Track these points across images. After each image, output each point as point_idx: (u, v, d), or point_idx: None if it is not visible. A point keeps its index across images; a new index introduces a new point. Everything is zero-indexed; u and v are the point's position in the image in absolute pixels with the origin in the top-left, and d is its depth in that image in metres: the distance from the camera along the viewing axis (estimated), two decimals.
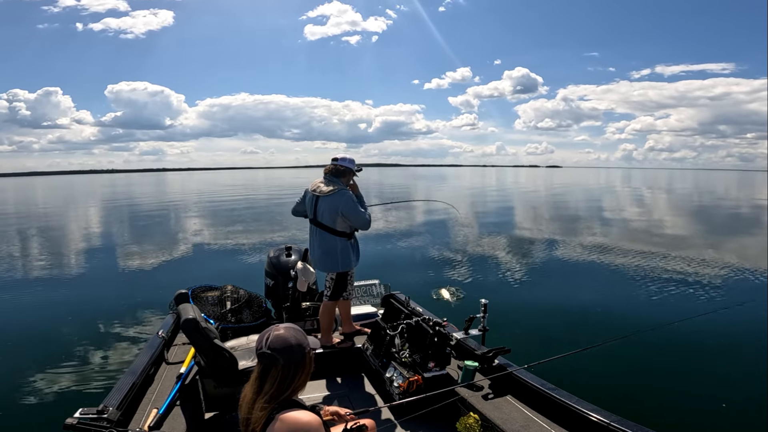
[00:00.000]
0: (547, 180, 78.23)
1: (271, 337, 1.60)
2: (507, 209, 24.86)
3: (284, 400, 1.58)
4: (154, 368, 3.13)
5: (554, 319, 6.63)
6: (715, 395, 4.49)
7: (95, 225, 20.77)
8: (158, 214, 24.69)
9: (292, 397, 1.61)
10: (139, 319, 6.83)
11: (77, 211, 28.96)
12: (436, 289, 7.89)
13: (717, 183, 76.32)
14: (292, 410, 1.56)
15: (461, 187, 53.06)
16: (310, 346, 1.65)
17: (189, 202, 33.70)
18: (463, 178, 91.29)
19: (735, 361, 5.22)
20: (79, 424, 2.10)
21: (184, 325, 2.74)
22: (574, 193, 41.23)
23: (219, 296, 4.13)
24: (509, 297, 7.73)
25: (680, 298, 7.70)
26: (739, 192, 48.51)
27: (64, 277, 10.04)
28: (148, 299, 7.62)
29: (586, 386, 3.99)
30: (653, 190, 48.56)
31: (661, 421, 3.93)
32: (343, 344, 3.87)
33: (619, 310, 7.04)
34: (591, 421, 2.32)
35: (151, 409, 2.59)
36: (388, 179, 74.85)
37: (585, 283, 8.72)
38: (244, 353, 3.16)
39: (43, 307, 7.77)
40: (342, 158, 3.73)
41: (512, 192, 43.04)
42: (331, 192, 3.59)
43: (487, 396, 2.81)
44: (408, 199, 13.91)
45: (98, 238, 16.33)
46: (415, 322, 3.37)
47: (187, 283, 4.24)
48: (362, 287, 4.64)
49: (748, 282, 8.89)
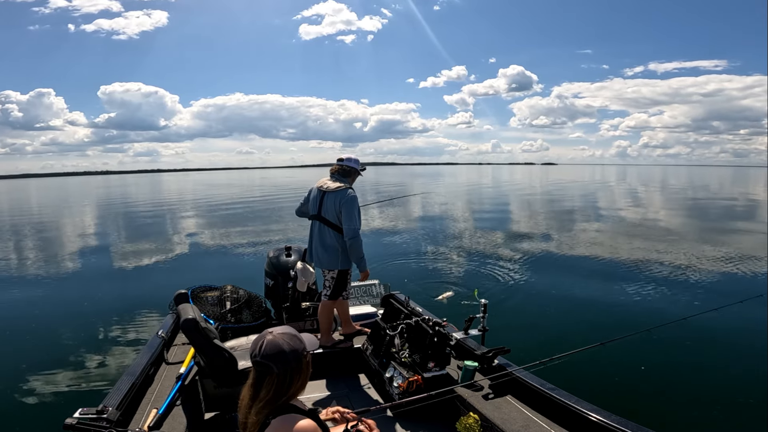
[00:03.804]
0: (542, 177, 78.36)
1: (264, 344, 1.56)
2: (504, 208, 24.88)
3: (281, 405, 1.56)
4: (153, 368, 3.12)
5: (554, 319, 6.65)
6: (715, 395, 4.50)
7: (92, 226, 20.66)
8: (156, 214, 24.63)
9: (289, 401, 1.59)
10: (139, 319, 6.82)
11: (73, 212, 28.81)
12: (436, 289, 7.90)
13: (711, 179, 76.64)
14: (289, 415, 1.54)
15: (457, 184, 53.13)
16: (306, 349, 1.62)
17: (186, 202, 33.62)
18: (459, 176, 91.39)
19: (735, 360, 5.23)
20: (78, 424, 2.09)
21: (184, 325, 2.74)
22: (570, 190, 41.32)
23: (219, 296, 4.14)
24: (509, 297, 7.73)
25: (681, 297, 7.70)
26: (734, 187, 48.77)
27: (63, 277, 10.02)
28: (148, 299, 7.60)
29: (586, 386, 4.01)
30: (648, 187, 48.74)
31: (661, 421, 3.94)
32: (342, 344, 3.88)
33: (619, 309, 7.06)
34: (591, 421, 2.33)
35: (150, 409, 2.58)
36: (385, 177, 74.83)
37: (584, 283, 8.72)
38: (244, 353, 3.15)
39: (43, 307, 7.76)
40: (347, 158, 3.83)
41: (509, 190, 43.08)
42: (339, 189, 3.67)
43: (486, 396, 2.81)
44: (391, 197, 14.03)
45: (96, 239, 16.26)
46: (415, 322, 3.37)
47: (187, 283, 4.24)
48: (362, 287, 4.64)
49: (747, 278, 8.91)
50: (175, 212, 25.61)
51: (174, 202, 33.76)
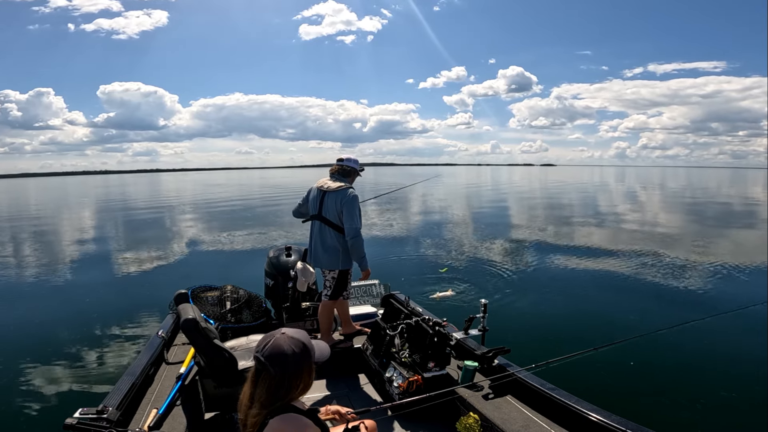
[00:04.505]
0: (542, 178, 78.40)
1: (270, 343, 1.55)
2: (504, 209, 24.90)
3: (279, 407, 1.55)
4: (153, 368, 3.11)
5: (554, 319, 6.65)
6: (716, 395, 4.51)
7: (92, 226, 20.63)
8: (155, 214, 24.58)
9: (287, 404, 1.58)
10: (139, 319, 6.82)
11: (73, 212, 28.78)
12: (436, 289, 7.90)
13: (710, 180, 76.75)
14: (288, 414, 1.54)
15: (457, 185, 53.09)
16: (314, 359, 1.59)
17: (185, 202, 33.57)
18: (459, 176, 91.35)
19: (735, 362, 5.23)
20: (78, 424, 2.09)
21: (184, 325, 2.74)
22: (569, 191, 41.35)
23: (219, 296, 4.13)
24: (509, 297, 7.73)
25: (682, 301, 7.69)
26: (732, 189, 48.81)
27: (63, 278, 10.00)
28: (148, 299, 7.60)
29: (586, 386, 4.00)
30: (647, 188, 48.80)
31: (662, 421, 3.94)
32: (342, 344, 3.88)
33: (620, 309, 7.06)
34: (591, 421, 2.33)
35: (150, 409, 2.58)
36: (384, 178, 74.76)
37: (584, 284, 8.73)
38: (244, 353, 3.15)
39: (43, 307, 7.75)
40: (348, 159, 3.86)
41: (508, 191, 43.12)
42: (340, 188, 3.69)
43: (486, 396, 2.81)
44: (390, 189, 14.05)
45: (96, 239, 16.22)
46: (415, 322, 3.36)
47: (187, 283, 4.23)
48: (362, 287, 4.64)
49: (748, 284, 8.88)
50: (175, 212, 25.58)
51: (173, 202, 33.73)
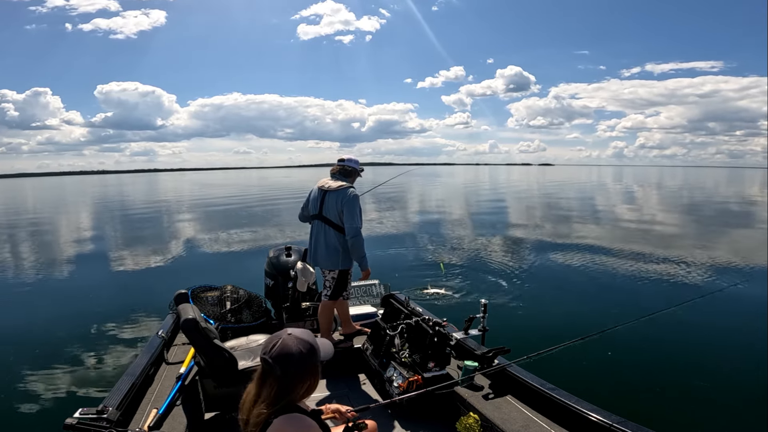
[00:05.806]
0: (540, 178, 78.46)
1: (277, 344, 1.56)
2: (503, 208, 24.94)
3: (284, 406, 1.56)
4: (153, 368, 3.11)
5: (554, 319, 6.63)
6: (716, 395, 4.51)
7: (90, 226, 20.60)
8: (154, 214, 24.55)
9: (292, 404, 1.59)
10: (139, 319, 6.82)
11: (71, 212, 28.72)
12: (436, 289, 7.91)
13: (707, 179, 76.94)
14: (291, 414, 1.55)
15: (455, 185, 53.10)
16: (321, 358, 1.61)
17: (184, 202, 33.51)
18: (457, 176, 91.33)
19: (736, 360, 5.24)
20: (78, 424, 2.09)
21: (184, 325, 2.74)
22: (567, 191, 41.44)
23: (219, 296, 4.12)
24: (509, 297, 7.73)
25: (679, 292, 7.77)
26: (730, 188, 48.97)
27: (62, 278, 9.99)
28: (148, 299, 7.59)
29: (586, 386, 4.02)
30: (644, 187, 48.90)
31: (662, 421, 3.94)
32: (342, 344, 3.88)
33: (620, 310, 7.05)
34: (591, 421, 2.33)
35: (150, 410, 2.57)
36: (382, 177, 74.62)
37: (584, 283, 8.74)
38: (244, 353, 3.15)
39: (43, 307, 7.74)
40: (348, 159, 3.87)
41: (507, 191, 43.15)
42: (341, 188, 3.69)
43: (486, 396, 2.81)
44: (388, 178, 14.22)
45: (95, 239, 16.19)
46: (415, 322, 3.37)
47: (187, 283, 4.22)
48: (362, 287, 4.64)
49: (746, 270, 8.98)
50: (174, 212, 25.53)
51: (172, 202, 33.66)
